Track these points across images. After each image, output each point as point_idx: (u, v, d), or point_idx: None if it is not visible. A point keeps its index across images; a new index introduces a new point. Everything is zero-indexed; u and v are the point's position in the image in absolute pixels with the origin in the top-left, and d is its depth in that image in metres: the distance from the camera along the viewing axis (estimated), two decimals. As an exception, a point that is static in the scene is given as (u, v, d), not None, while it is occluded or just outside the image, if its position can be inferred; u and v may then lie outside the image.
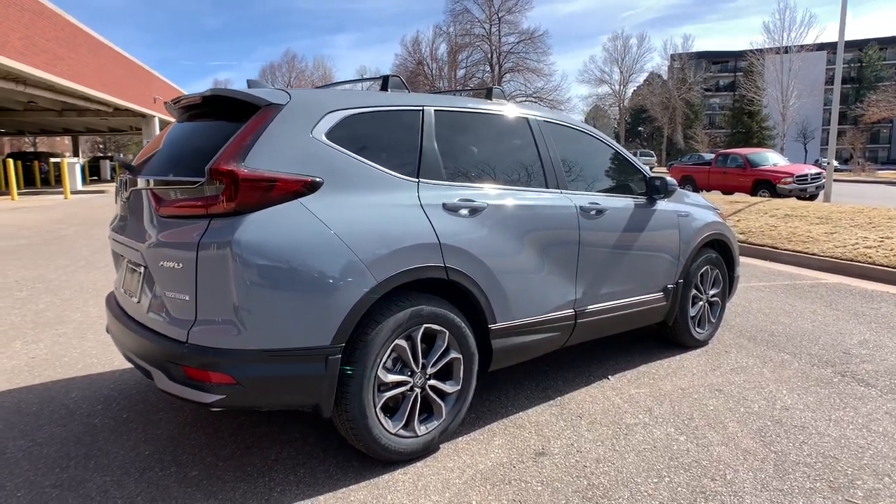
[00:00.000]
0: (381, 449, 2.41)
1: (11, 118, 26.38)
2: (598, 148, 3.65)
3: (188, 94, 2.60)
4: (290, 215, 2.16)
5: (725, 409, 3.12)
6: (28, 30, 14.13)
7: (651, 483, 2.40)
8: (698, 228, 4.00)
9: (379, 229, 2.33)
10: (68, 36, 16.74)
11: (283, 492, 2.29)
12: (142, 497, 2.24)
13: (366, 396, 2.32)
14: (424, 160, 2.61)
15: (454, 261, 2.53)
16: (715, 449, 2.69)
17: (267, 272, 2.09)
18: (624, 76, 63.08)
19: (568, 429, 2.89)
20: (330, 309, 2.18)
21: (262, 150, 2.17)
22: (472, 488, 2.34)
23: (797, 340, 4.33)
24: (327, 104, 2.42)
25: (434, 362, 2.57)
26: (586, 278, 3.23)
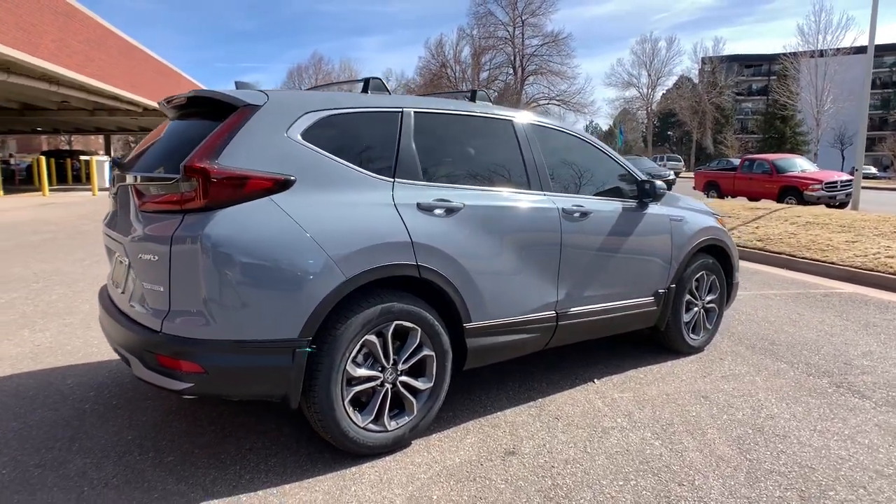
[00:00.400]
0: (349, 442, 2.47)
1: (47, 117, 27.32)
2: (587, 152, 3.66)
3: (177, 95, 2.71)
4: (261, 212, 2.24)
5: (708, 416, 3.10)
6: (61, 32, 14.68)
7: (616, 486, 2.41)
8: (692, 233, 3.97)
9: (349, 227, 2.40)
10: (99, 38, 17.32)
11: (252, 479, 2.37)
12: (117, 479, 2.34)
13: (334, 389, 2.38)
14: (401, 161, 2.67)
15: (427, 259, 2.59)
16: (689, 454, 2.68)
17: (235, 266, 2.18)
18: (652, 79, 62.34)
19: (543, 430, 2.91)
20: (297, 303, 2.26)
21: (236, 148, 2.26)
22: (436, 484, 2.39)
23: (797, 350, 4.26)
24: (304, 105, 2.50)
25: (406, 359, 2.62)
26: (569, 280, 3.25)
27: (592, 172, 3.64)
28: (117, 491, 2.26)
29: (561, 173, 3.42)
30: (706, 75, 61.91)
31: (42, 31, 13.66)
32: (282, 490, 2.31)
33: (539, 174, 3.21)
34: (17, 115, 27.67)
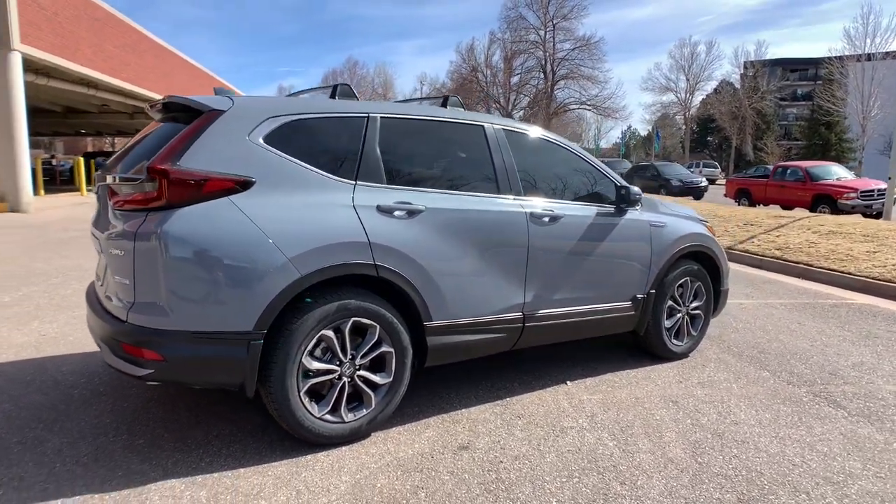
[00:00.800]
0: (305, 431, 2.62)
1: (89, 120, 28.58)
2: (565, 157, 3.75)
3: (157, 100, 2.92)
4: (219, 211, 2.42)
5: (671, 420, 3.14)
6: (97, 38, 15.42)
7: (558, 482, 2.49)
8: (674, 239, 4.00)
9: (305, 227, 2.55)
10: (134, 42, 18.10)
11: (211, 462, 2.54)
12: (87, 457, 2.54)
13: (289, 380, 2.54)
14: (364, 164, 2.82)
15: (385, 259, 2.72)
16: (640, 456, 2.74)
17: (192, 261, 2.36)
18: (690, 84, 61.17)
19: (502, 427, 3.00)
20: (251, 298, 2.42)
21: (198, 151, 2.45)
22: (384, 473, 2.51)
23: (785, 359, 4.23)
24: (268, 110, 2.67)
25: (364, 354, 2.76)
26: (537, 283, 3.33)
27: (568, 178, 3.72)
28: (85, 468, 2.46)
29: (534, 178, 3.51)
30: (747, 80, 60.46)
31: (79, 37, 14.39)
32: (236, 473, 2.47)
33: (509, 179, 3.31)
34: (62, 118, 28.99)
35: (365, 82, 71.49)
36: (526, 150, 3.53)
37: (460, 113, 3.33)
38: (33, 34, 12.38)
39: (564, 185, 3.68)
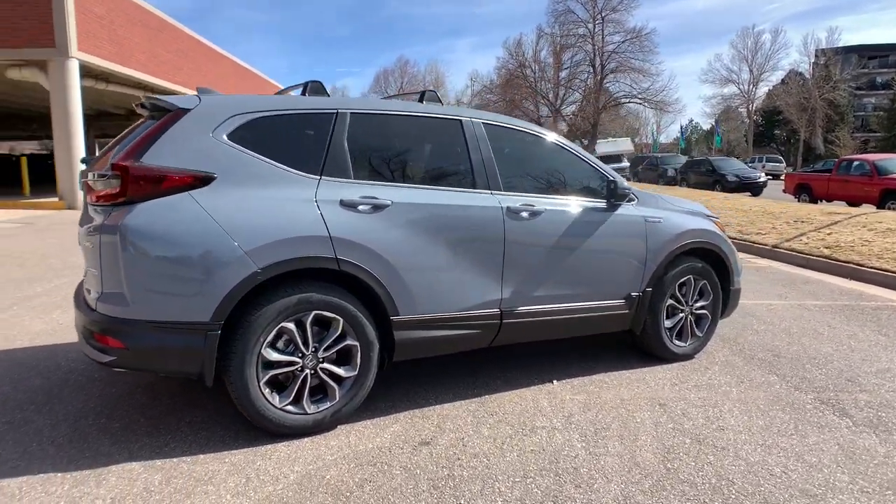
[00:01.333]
0: (266, 421, 2.68)
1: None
2: (552, 152, 3.67)
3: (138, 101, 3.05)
4: (179, 205, 2.51)
5: (652, 424, 3.03)
6: (151, 44, 16.24)
7: (510, 482, 2.45)
8: (673, 235, 3.84)
9: (264, 221, 2.61)
10: (187, 48, 18.95)
11: (175, 448, 2.64)
12: (63, 438, 2.70)
13: (248, 371, 2.60)
14: (330, 159, 2.86)
15: (347, 253, 2.75)
16: (605, 459, 2.65)
17: (150, 254, 2.46)
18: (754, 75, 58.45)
19: (471, 425, 2.98)
20: (208, 290, 2.50)
21: (161, 148, 2.55)
22: (336, 466, 2.54)
23: (801, 363, 3.99)
24: (233, 108, 2.74)
25: (327, 347, 2.80)
26: (515, 279, 3.28)
27: (555, 173, 3.64)
28: (58, 448, 2.61)
29: (517, 173, 3.46)
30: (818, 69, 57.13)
31: (133, 43, 15.20)
32: (195, 459, 2.56)
33: (487, 173, 3.27)
34: (125, 120, 30.72)
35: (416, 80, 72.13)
36: (509, 145, 3.48)
37: (437, 108, 3.31)
38: (90, 42, 13.18)
39: (550, 179, 3.61)
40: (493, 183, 3.28)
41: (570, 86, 32.35)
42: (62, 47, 12.47)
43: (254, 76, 27.62)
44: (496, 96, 36.11)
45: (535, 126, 3.70)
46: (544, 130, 3.71)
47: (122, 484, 2.35)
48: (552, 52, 33.88)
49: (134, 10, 15.33)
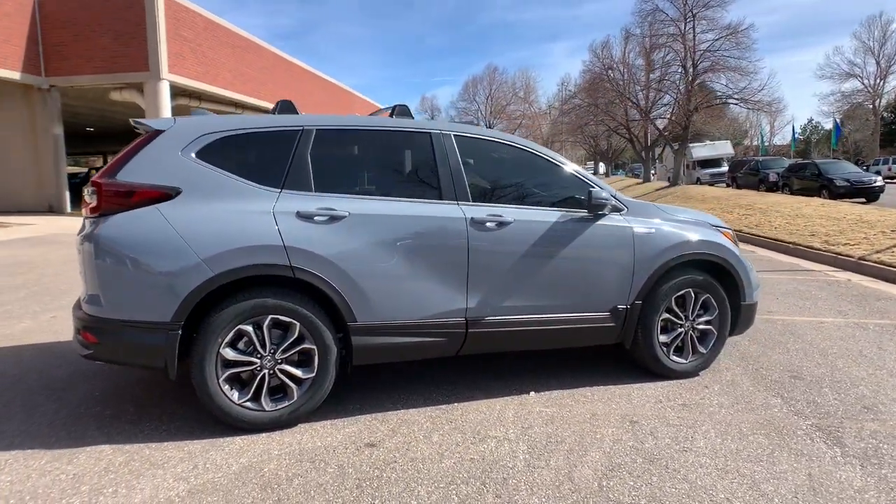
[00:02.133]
0: (226, 416, 2.94)
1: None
2: (530, 163, 3.69)
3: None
4: (146, 217, 2.84)
5: (610, 441, 2.97)
6: (237, 63, 17.66)
7: (432, 487, 2.52)
8: (667, 247, 3.71)
9: (221, 231, 2.88)
10: (271, 65, 20.37)
11: (148, 435, 2.96)
12: (60, 421, 3.11)
13: (208, 368, 2.88)
14: (292, 174, 3.09)
15: (302, 262, 2.95)
16: (541, 472, 2.66)
17: (117, 261, 2.80)
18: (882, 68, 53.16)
19: (424, 430, 3.07)
20: (168, 293, 2.80)
21: (134, 165, 2.90)
22: (277, 460, 2.74)
23: (819, 387, 3.71)
24: (203, 128, 3.05)
25: (285, 349, 3.01)
26: (482, 289, 3.34)
27: (531, 183, 3.66)
28: (51, 429, 3.01)
29: (488, 184, 3.52)
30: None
31: (220, 63, 16.61)
32: (159, 446, 2.86)
33: (455, 185, 3.36)
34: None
35: (504, 87, 72.29)
36: (483, 157, 3.56)
37: (406, 122, 3.45)
38: (179, 64, 14.59)
39: (526, 190, 3.63)
40: (462, 194, 3.37)
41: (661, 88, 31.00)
42: (154, 70, 13.91)
43: (338, 89, 29.06)
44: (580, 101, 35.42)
45: (514, 137, 3.73)
46: (524, 142, 3.74)
47: (88, 462, 2.69)
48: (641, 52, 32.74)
49: (221, 33, 16.76)
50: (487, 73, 74.06)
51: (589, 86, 34.69)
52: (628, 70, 33.18)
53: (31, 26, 13.64)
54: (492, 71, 73.94)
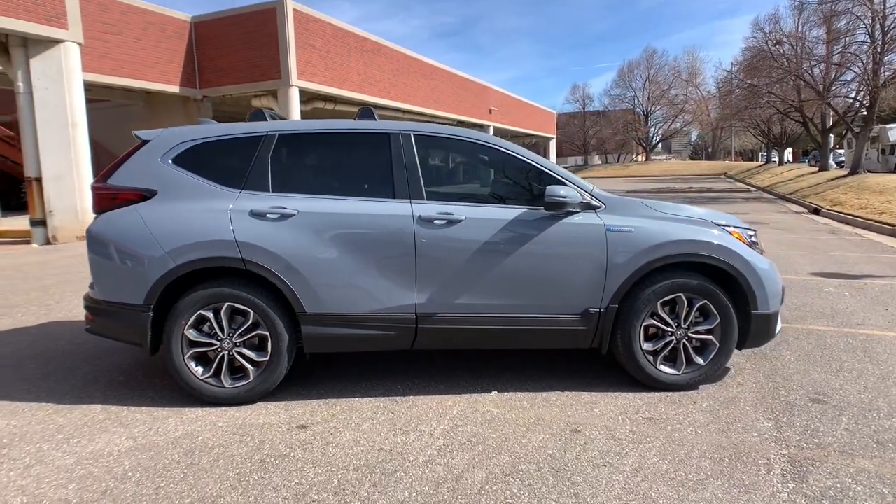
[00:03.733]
0: (190, 388, 3.36)
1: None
2: (500, 161, 3.68)
3: None
4: (126, 215, 3.35)
5: (533, 447, 2.89)
6: (366, 67, 18.90)
7: (321, 469, 2.68)
8: (649, 247, 3.44)
9: (183, 227, 3.29)
10: (401, 67, 21.42)
11: (136, 399, 3.49)
12: (79, 382, 3.78)
13: (174, 347, 3.32)
14: (252, 175, 3.42)
15: (252, 255, 3.28)
16: (434, 469, 2.68)
17: (103, 252, 3.35)
18: None
19: (359, 419, 3.21)
20: (140, 280, 3.28)
21: (123, 171, 3.43)
22: (216, 430, 3.08)
23: (835, 416, 3.21)
24: (180, 137, 3.50)
25: (241, 334, 3.37)
26: (432, 286, 3.40)
27: (494, 180, 3.62)
28: (71, 387, 3.68)
29: (445, 182, 3.57)
30: None
31: (349, 68, 17.91)
32: (138, 410, 3.36)
33: (409, 183, 3.46)
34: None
35: (665, 70, 67.90)
36: (443, 156, 3.60)
37: (367, 124, 3.60)
38: (308, 71, 16.04)
39: (488, 187, 3.60)
40: (416, 192, 3.46)
41: (842, 62, 27.02)
42: (285, 78, 15.47)
43: (472, 84, 29.65)
44: (738, 81, 32.05)
45: (480, 135, 3.69)
46: (491, 139, 3.68)
47: (75, 417, 3.26)
48: (821, 21, 28.77)
49: (350, 39, 18.08)
50: (645, 56, 70.20)
51: (749, 65, 31.30)
52: (801, 44, 29.33)
53: (189, 46, 15.96)
54: (650, 54, 70.08)
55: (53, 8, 9.10)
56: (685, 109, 65.24)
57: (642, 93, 68.66)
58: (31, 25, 8.91)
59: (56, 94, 9.47)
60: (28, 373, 4.02)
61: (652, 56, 69.26)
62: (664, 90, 67.06)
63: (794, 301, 5.86)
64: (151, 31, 14.72)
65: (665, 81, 67.64)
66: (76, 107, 9.76)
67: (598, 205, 3.54)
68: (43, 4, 8.92)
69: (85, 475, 2.68)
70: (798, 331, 4.86)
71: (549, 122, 46.89)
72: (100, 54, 13.06)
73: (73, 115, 9.74)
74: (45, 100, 9.37)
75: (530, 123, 41.13)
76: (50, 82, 9.38)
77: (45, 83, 9.33)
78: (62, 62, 9.45)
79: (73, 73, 9.72)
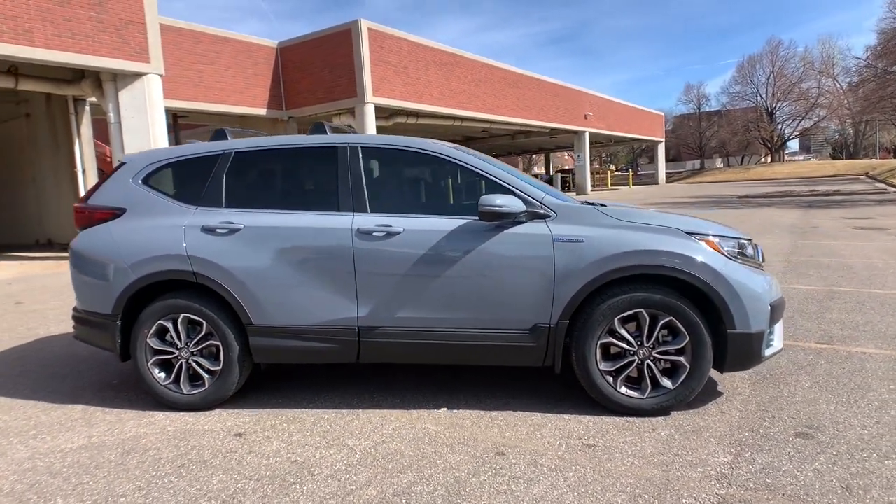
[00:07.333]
0: (155, 395, 3.62)
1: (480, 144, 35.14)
2: (444, 171, 3.64)
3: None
4: (99, 232, 3.69)
5: (443, 469, 2.79)
6: (445, 79, 19.22)
7: (228, 477, 2.77)
8: (601, 258, 3.21)
9: (142, 242, 3.56)
10: (482, 77, 21.52)
11: (117, 402, 3.81)
12: (88, 382, 4.20)
13: (139, 354, 3.60)
14: (207, 192, 3.64)
15: (202, 269, 3.48)
16: (327, 484, 2.67)
17: (80, 265, 3.71)
18: None
19: (294, 430, 3.28)
20: (108, 292, 3.59)
21: (101, 191, 3.79)
22: (162, 434, 3.28)
23: (815, 453, 2.82)
24: (150, 158, 3.80)
25: (196, 343, 3.57)
26: (373, 299, 3.40)
27: (441, 191, 3.56)
28: (74, 388, 4.09)
29: (390, 193, 3.57)
30: None
31: (427, 81, 18.31)
32: (110, 411, 3.65)
33: (353, 196, 3.50)
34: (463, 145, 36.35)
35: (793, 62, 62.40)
36: (390, 168, 3.61)
37: (317, 138, 3.69)
38: (384, 87, 16.63)
39: (434, 198, 3.55)
40: (359, 205, 3.50)
41: None
42: (361, 95, 16.14)
43: (564, 90, 29.11)
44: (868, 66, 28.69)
45: (431, 144, 3.60)
46: (438, 148, 3.59)
47: (57, 415, 3.62)
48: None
49: (427, 53, 18.50)
50: (769, 49, 64.82)
51: (883, 49, 27.99)
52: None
53: (275, 70, 17.18)
54: (774, 46, 64.50)
55: (137, 45, 10.25)
56: (818, 104, 59.50)
57: (765, 88, 63.57)
58: (119, 62, 10.11)
59: (140, 122, 10.64)
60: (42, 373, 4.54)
61: (777, 48, 63.83)
62: (792, 84, 61.60)
63: (856, 319, 5.18)
64: (240, 59, 16.05)
65: (794, 74, 62.15)
66: (157, 133, 10.89)
67: (548, 213, 3.37)
68: (128, 42, 10.09)
69: (29, 469, 2.98)
70: (836, 353, 4.29)
71: (655, 125, 44.78)
72: (194, 83, 14.47)
73: (154, 142, 10.86)
74: (132, 127, 10.55)
75: (633, 127, 39.54)
76: (135, 111, 10.55)
77: (130, 112, 10.52)
78: (145, 93, 10.61)
79: (155, 102, 10.86)
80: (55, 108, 12.88)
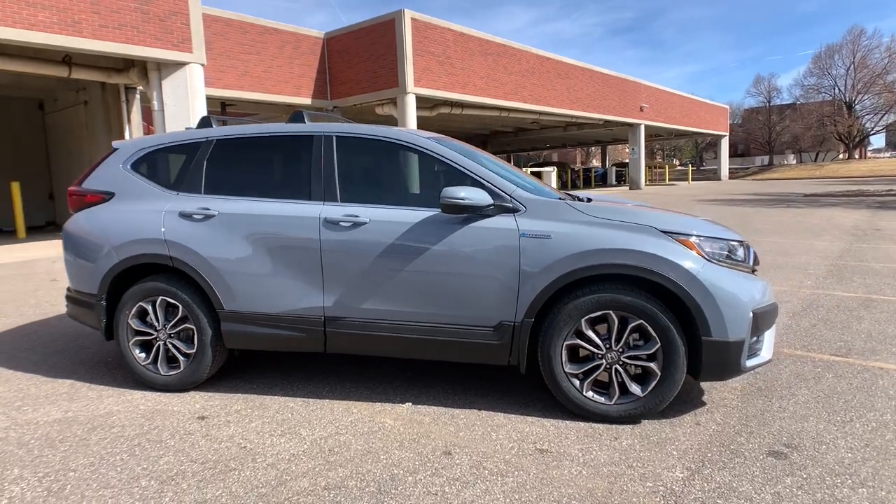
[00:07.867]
0: (136, 374, 3.73)
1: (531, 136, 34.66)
2: (418, 161, 3.54)
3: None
4: (89, 215, 3.82)
5: (383, 465, 2.76)
6: (490, 70, 18.98)
7: (175, 459, 2.82)
8: (569, 255, 3.07)
9: (125, 226, 3.67)
10: (530, 67, 21.11)
11: (105, 379, 3.96)
12: (87, 357, 4.39)
13: (122, 333, 3.72)
14: (188, 178, 3.71)
15: (178, 253, 3.55)
16: (265, 472, 2.68)
17: (71, 246, 3.86)
18: None
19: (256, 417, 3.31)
20: (94, 272, 3.73)
21: (94, 176, 3.92)
22: (131, 412, 3.38)
23: (782, 472, 2.62)
24: (140, 144, 3.90)
25: (173, 326, 3.66)
26: (338, 289, 3.38)
27: (414, 181, 3.48)
28: (71, 363, 4.29)
29: (362, 183, 3.52)
30: None
31: (472, 72, 18.14)
32: (93, 388, 3.81)
33: (324, 185, 3.49)
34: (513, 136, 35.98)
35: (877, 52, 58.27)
36: (364, 158, 3.56)
37: (294, 126, 3.68)
38: (426, 77, 16.59)
39: (405, 189, 3.48)
40: (330, 194, 3.48)
41: None
42: (402, 85, 16.16)
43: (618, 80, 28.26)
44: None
45: (406, 134, 3.52)
46: (412, 138, 3.50)
47: (46, 388, 3.80)
48: None
49: (472, 43, 18.31)
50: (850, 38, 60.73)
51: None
52: None
53: (321, 61, 17.44)
54: (856, 35, 60.38)
55: (180, 35, 10.62)
56: (906, 97, 55.42)
57: (844, 80, 59.69)
58: (162, 52, 10.50)
59: (181, 110, 11.03)
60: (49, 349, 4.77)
61: (859, 37, 59.71)
62: (876, 75, 57.59)
63: (886, 330, 4.80)
64: (286, 49, 16.38)
65: (878, 65, 58.06)
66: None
67: (517, 207, 3.25)
68: (171, 32, 10.46)
69: (1, 438, 3.13)
70: (850, 366, 3.98)
71: (719, 118, 42.87)
72: (240, 73, 14.88)
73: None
74: (173, 115, 10.95)
75: (693, 120, 37.99)
76: (176, 100, 10.95)
77: (173, 101, 10.93)
78: (187, 81, 11.00)
79: (197, 90, 11.24)
80: (109, 96, 13.54)
